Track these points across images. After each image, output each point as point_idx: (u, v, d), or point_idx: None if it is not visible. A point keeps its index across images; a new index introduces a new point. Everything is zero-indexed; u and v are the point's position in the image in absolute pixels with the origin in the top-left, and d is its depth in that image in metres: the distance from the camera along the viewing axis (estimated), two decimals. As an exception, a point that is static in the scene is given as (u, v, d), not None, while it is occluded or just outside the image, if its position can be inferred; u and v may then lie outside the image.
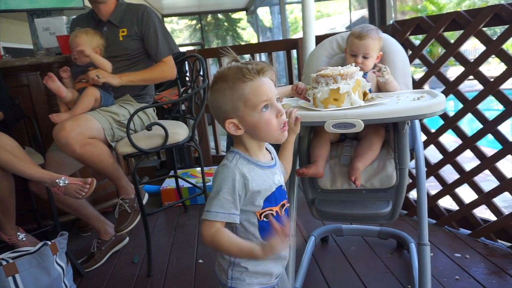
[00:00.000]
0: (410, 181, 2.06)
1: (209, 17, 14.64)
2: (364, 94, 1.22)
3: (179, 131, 1.82)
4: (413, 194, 2.22)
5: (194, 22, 14.27)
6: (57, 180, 1.57)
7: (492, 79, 1.71)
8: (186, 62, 2.29)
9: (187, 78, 2.42)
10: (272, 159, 0.99)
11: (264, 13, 14.25)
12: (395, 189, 1.33)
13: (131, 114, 1.76)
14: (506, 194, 1.76)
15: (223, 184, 0.87)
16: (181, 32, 16.27)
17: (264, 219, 0.93)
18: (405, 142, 1.28)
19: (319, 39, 2.06)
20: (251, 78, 0.86)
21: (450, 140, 2.02)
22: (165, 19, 12.41)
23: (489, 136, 1.78)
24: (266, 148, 0.99)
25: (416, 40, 2.67)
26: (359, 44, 1.39)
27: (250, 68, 0.86)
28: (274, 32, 11.00)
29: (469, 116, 1.85)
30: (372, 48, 1.39)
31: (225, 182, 0.87)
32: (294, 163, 1.47)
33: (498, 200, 1.83)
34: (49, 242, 1.54)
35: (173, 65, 2.00)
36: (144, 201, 1.85)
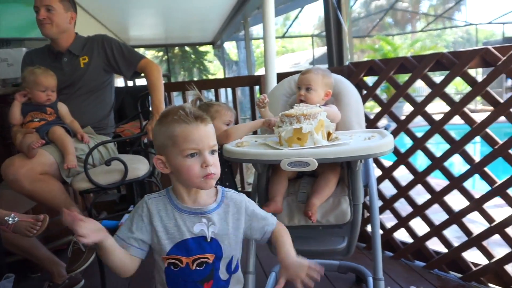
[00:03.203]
0: (368, 215, 2.13)
1: (176, 49, 14.80)
2: (328, 134, 1.27)
3: (139, 166, 1.80)
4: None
5: (161, 53, 14.36)
6: (5, 218, 1.49)
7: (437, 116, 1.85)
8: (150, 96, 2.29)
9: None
10: (215, 201, 0.94)
11: (231, 47, 14.62)
12: (349, 225, 1.37)
13: (90, 148, 1.73)
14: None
15: (131, 213, 0.94)
16: (148, 63, 16.22)
17: (172, 267, 0.91)
18: (358, 179, 1.34)
19: (281, 76, 2.16)
20: (186, 122, 0.86)
21: (407, 172, 2.14)
22: (131, 50, 12.38)
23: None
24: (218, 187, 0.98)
25: (374, 78, 2.84)
26: (302, 78, 1.53)
27: (188, 111, 0.87)
28: (240, 65, 11.25)
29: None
30: (314, 81, 1.49)
31: (133, 211, 0.94)
32: (253, 200, 1.49)
33: (452, 231, 1.92)
34: (-8, 286, 1.44)
35: (151, 61, 1.99)
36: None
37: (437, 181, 2.14)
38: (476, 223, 1.91)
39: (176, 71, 15.03)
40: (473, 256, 1.87)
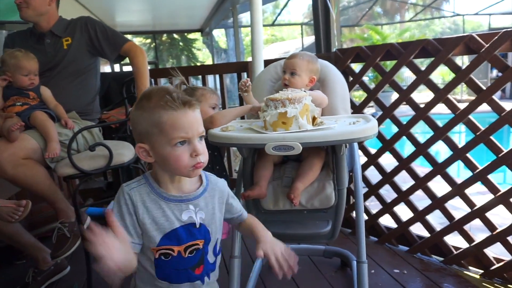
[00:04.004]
0: (354, 201, 2.16)
1: (164, 36, 14.57)
2: (313, 119, 1.27)
3: (124, 152, 1.78)
4: (356, 213, 2.31)
5: (148, 40, 14.13)
6: (-14, 204, 1.47)
7: (423, 105, 1.86)
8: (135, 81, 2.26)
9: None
10: (201, 185, 0.92)
11: (220, 35, 14.44)
12: (334, 209, 1.39)
13: (74, 133, 1.70)
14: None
15: (114, 207, 0.85)
16: (135, 50, 15.91)
17: (162, 257, 0.87)
18: (343, 164, 1.35)
19: (268, 63, 2.14)
20: (173, 108, 0.80)
21: (393, 161, 2.16)
22: (118, 36, 12.13)
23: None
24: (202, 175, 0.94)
25: (362, 65, 2.84)
26: (287, 62, 1.52)
27: (175, 96, 0.81)
28: (230, 53, 11.16)
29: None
30: (299, 67, 1.48)
31: (116, 205, 0.85)
32: (239, 185, 1.49)
33: (435, 217, 1.96)
34: (-25, 272, 1.43)
35: (136, 45, 1.96)
36: (86, 225, 1.77)
37: (423, 169, 2.17)
38: (459, 209, 1.95)
39: (164, 58, 14.81)
40: (454, 240, 1.92)
